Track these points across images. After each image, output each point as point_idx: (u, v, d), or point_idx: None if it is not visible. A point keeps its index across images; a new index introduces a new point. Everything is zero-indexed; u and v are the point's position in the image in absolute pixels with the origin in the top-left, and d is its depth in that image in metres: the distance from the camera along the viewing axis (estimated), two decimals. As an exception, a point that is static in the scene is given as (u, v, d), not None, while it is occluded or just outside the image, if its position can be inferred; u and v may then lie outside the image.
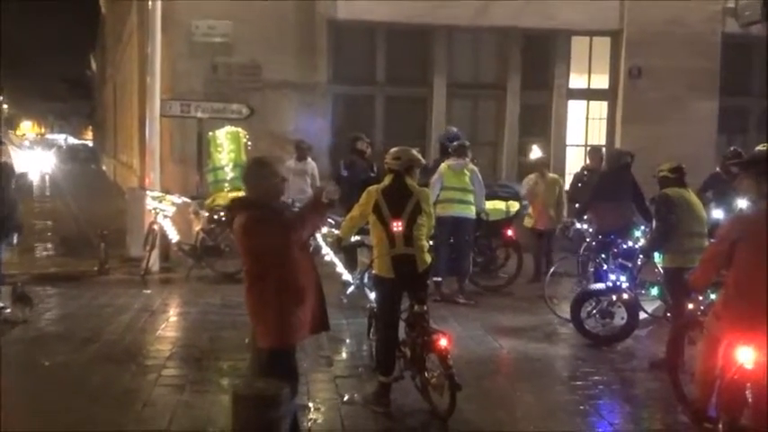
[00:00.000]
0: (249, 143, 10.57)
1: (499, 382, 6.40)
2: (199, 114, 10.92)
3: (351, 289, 8.30)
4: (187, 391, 5.81)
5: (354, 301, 8.10)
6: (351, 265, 8.61)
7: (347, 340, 7.30)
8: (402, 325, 5.69)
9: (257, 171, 4.36)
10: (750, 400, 4.36)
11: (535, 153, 11.26)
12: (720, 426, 4.38)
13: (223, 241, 9.57)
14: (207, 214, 10.00)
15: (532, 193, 9.93)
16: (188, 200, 10.42)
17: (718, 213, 8.23)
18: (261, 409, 3.76)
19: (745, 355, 4.31)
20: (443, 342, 5.29)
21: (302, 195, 9.37)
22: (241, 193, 4.69)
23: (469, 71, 12.86)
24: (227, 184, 10.23)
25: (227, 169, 10.34)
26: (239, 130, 10.65)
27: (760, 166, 4.68)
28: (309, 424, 5.23)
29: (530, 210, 9.93)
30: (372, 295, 6.51)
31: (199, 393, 5.75)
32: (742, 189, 4.72)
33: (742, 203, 4.87)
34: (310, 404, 5.56)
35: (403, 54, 12.57)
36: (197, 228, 10.19)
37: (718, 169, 9.37)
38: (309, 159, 10.81)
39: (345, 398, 5.75)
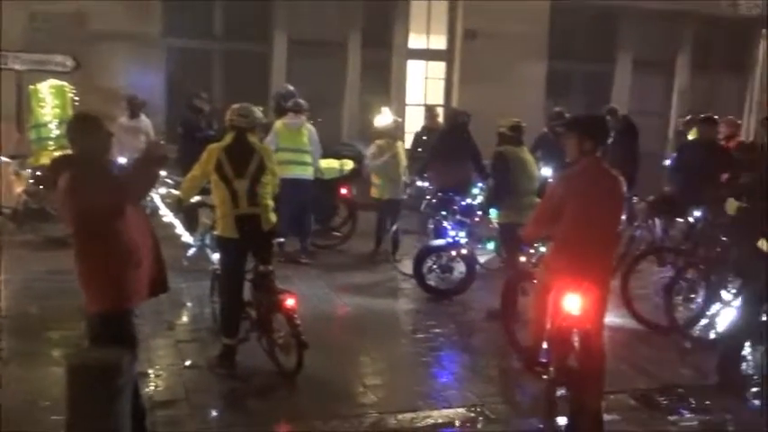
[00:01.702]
0: (76, 98, 9.86)
1: (344, 339, 6.47)
2: (17, 66, 10.01)
3: (192, 251, 8.04)
4: (14, 363, 5.42)
5: (196, 264, 7.85)
6: (191, 226, 8.32)
7: (188, 304, 7.10)
8: (247, 286, 5.61)
9: (81, 126, 4.05)
10: (577, 344, 4.66)
11: (385, 118, 9.83)
12: (551, 369, 4.67)
13: (48, 204, 8.90)
14: (30, 175, 9.27)
15: (381, 161, 8.96)
16: (7, 159, 9.59)
17: (546, 171, 8.74)
18: (99, 379, 3.57)
19: (572, 303, 4.59)
20: (290, 302, 5.28)
21: (137, 155, 8.88)
22: (67, 152, 4.35)
23: (311, 28, 12.64)
24: (51, 143, 9.51)
25: (52, 126, 9.61)
26: (64, 83, 9.89)
27: (581, 126, 4.94)
28: (151, 391, 5.05)
29: (376, 179, 9.06)
30: (215, 256, 6.35)
31: (28, 366, 5.37)
32: (567, 148, 4.95)
33: (569, 162, 5.16)
34: (151, 371, 5.38)
35: (242, 8, 12.15)
36: (19, 189, 9.42)
37: (545, 130, 9.92)
38: (143, 116, 10.27)
39: (188, 363, 5.61)
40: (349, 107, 12.69)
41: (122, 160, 8.84)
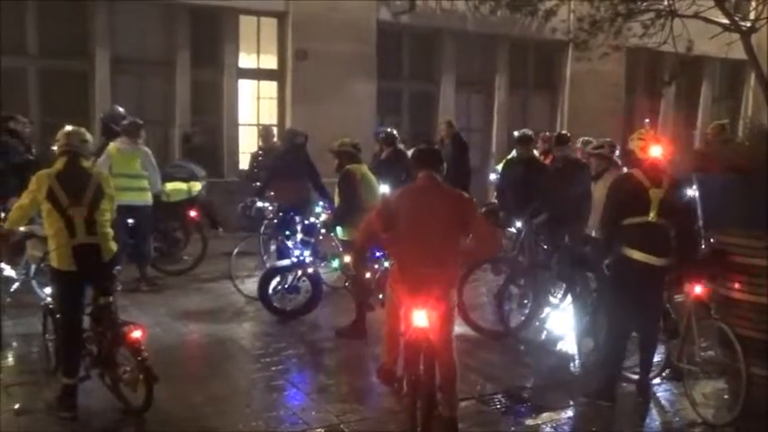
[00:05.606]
0: None
1: (192, 368, 6.27)
2: None
3: (15, 286, 7.44)
4: None
5: (21, 299, 7.28)
6: (11, 258, 7.69)
7: (14, 343, 6.55)
8: (86, 320, 5.28)
9: None
10: (428, 357, 4.77)
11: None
12: (405, 383, 4.77)
13: None
14: None
15: None
16: None
17: (385, 188, 8.97)
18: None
19: (418, 318, 4.71)
20: (136, 334, 5.04)
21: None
22: None
23: (134, 45, 12.15)
24: None
25: None
26: None
27: (413, 155, 5.17)
28: (-19, 443, 4.62)
29: None
30: (46, 290, 5.92)
31: None
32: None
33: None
34: (-22, 421, 4.92)
35: (59, 23, 11.44)
36: None
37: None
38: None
39: (16, 406, 5.19)
40: (180, 128, 12.31)
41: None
